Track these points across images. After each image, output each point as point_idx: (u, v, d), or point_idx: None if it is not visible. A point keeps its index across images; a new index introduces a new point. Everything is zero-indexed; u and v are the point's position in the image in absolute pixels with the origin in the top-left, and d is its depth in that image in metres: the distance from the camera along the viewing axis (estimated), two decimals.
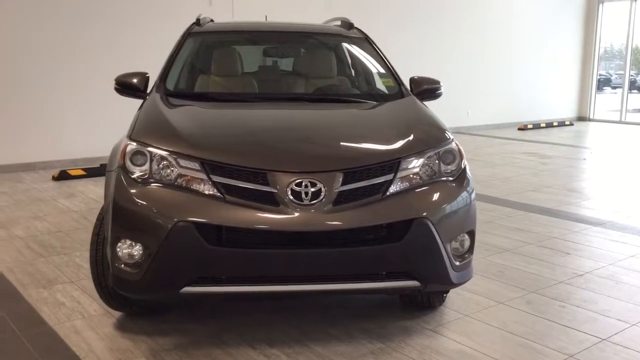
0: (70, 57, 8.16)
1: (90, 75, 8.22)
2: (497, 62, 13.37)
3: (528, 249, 4.85)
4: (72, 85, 8.19)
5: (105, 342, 3.24)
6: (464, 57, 12.65)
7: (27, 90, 7.91)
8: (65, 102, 8.19)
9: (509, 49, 13.61)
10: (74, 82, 8.20)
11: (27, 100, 7.93)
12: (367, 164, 2.99)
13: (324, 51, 4.69)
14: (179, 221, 2.80)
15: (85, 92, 8.26)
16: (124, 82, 3.89)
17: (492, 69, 13.30)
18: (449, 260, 3.02)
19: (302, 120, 3.58)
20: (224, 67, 4.35)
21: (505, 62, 13.55)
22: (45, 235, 5.10)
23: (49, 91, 8.06)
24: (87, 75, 8.24)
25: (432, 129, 3.44)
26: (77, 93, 8.23)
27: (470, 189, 3.22)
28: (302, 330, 3.36)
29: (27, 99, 7.93)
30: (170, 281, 2.89)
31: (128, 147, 3.10)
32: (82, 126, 8.32)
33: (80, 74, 8.21)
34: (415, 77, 4.17)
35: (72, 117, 8.25)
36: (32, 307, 3.66)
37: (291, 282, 2.93)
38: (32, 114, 7.97)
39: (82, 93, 8.25)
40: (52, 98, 8.09)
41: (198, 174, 2.91)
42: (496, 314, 3.62)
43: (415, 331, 3.37)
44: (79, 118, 8.30)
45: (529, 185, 7.38)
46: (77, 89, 8.22)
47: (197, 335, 3.30)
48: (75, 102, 8.24)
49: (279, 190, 2.85)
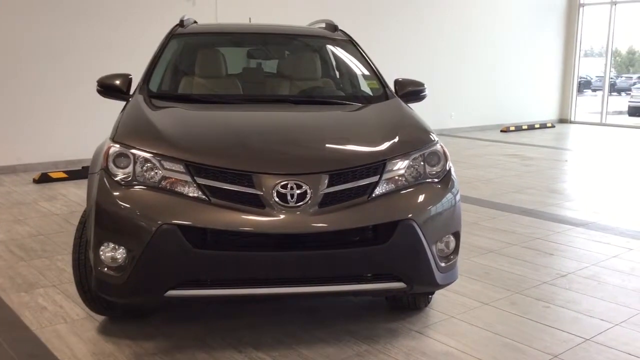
0: (52, 59, 8.06)
1: (73, 77, 8.14)
2: (479, 65, 13.47)
3: (512, 250, 4.88)
4: (54, 88, 8.10)
5: (88, 346, 3.20)
6: (447, 60, 12.73)
7: (8, 92, 7.80)
8: (47, 104, 8.09)
9: (492, 51, 13.72)
10: (57, 84, 8.10)
11: (8, 103, 7.82)
12: (353, 165, 2.99)
13: (308, 53, 4.69)
14: (163, 224, 2.77)
15: (68, 95, 8.17)
16: (106, 83, 3.85)
17: (475, 71, 13.40)
18: (434, 261, 3.03)
19: (287, 122, 3.57)
20: (208, 68, 4.32)
21: (487, 64, 13.65)
22: (27, 239, 5.03)
23: (30, 94, 7.96)
24: (70, 78, 8.15)
25: (417, 131, 3.44)
26: (59, 95, 8.14)
27: (455, 191, 3.23)
28: (289, 332, 3.35)
29: (8, 101, 7.82)
30: (154, 285, 2.86)
31: (111, 149, 3.06)
32: (64, 129, 8.23)
33: (62, 76, 8.12)
34: (400, 79, 4.18)
35: (53, 119, 8.16)
36: (14, 312, 3.60)
37: (277, 285, 2.91)
38: (13, 117, 7.87)
39: (64, 95, 8.16)
40: (34, 100, 7.99)
41: (182, 176, 2.89)
42: (481, 315, 3.63)
43: (401, 333, 3.37)
44: (61, 120, 8.21)
45: (512, 186, 7.43)
46: (59, 91, 8.13)
47: (181, 339, 3.27)
48: (58, 105, 8.15)
49: (265, 192, 2.83)
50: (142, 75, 4.01)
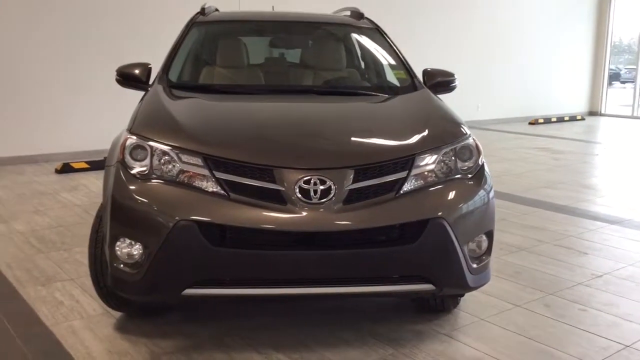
0: (75, 49, 8.01)
1: (95, 67, 8.07)
2: (508, 55, 13.15)
3: (544, 248, 4.67)
4: (76, 77, 8.05)
5: (103, 344, 3.09)
6: (474, 50, 12.44)
7: (31, 82, 7.77)
8: (69, 94, 8.05)
9: (521, 42, 13.38)
10: (79, 74, 8.05)
11: (31, 93, 7.79)
12: (380, 160, 2.82)
13: (333, 42, 4.52)
14: (181, 220, 2.64)
15: (90, 84, 8.11)
16: (125, 73, 3.75)
17: (503, 62, 13.08)
18: (465, 262, 2.85)
19: (311, 114, 3.41)
20: (229, 58, 4.18)
21: (516, 55, 13.32)
22: (46, 230, 4.97)
23: (53, 83, 7.92)
24: (92, 67, 8.09)
25: (447, 124, 3.26)
26: (81, 85, 8.09)
27: (489, 187, 3.05)
28: (311, 333, 3.21)
29: (31, 91, 7.79)
30: (170, 283, 2.74)
31: (128, 140, 2.94)
32: (86, 118, 8.18)
33: (84, 66, 8.07)
34: (429, 69, 4.00)
35: (76, 109, 8.11)
36: (29, 306, 3.52)
37: (298, 285, 2.77)
38: (35, 107, 7.84)
39: (86, 85, 8.11)
40: (56, 90, 7.96)
41: (201, 170, 2.75)
42: (513, 317, 3.46)
43: (429, 336, 3.21)
44: (83, 110, 8.16)
45: (543, 181, 7.19)
46: (81, 81, 8.08)
47: (199, 338, 3.15)
48: (80, 94, 8.10)
49: (287, 188, 2.68)
50: (161, 65, 3.89)
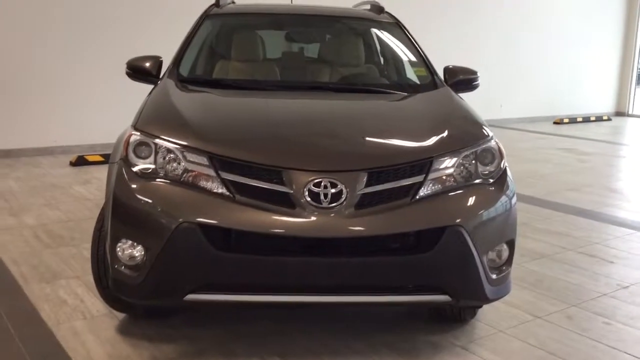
0: (90, 41, 7.93)
1: (111, 59, 7.98)
2: (532, 53, 12.82)
3: (568, 256, 4.47)
4: (93, 70, 7.97)
5: (105, 347, 2.99)
6: (498, 47, 12.14)
7: (48, 74, 7.71)
8: (85, 86, 7.98)
9: (546, 39, 13.04)
10: (95, 66, 7.98)
11: (48, 85, 7.73)
12: (395, 163, 2.67)
13: (351, 37, 4.36)
14: (183, 222, 2.51)
15: (107, 77, 8.03)
16: (135, 66, 3.66)
17: (527, 59, 12.75)
18: (484, 273, 2.68)
19: (324, 112, 3.26)
20: (243, 52, 4.04)
21: (541, 53, 12.99)
22: (56, 225, 4.89)
23: (69, 75, 7.85)
24: (108, 60, 8.00)
25: (468, 125, 3.09)
26: (97, 77, 8.01)
27: (511, 193, 2.87)
28: (321, 341, 3.06)
29: (47, 83, 7.73)
30: (172, 287, 2.62)
31: (132, 137, 2.82)
32: (103, 110, 8.10)
33: (101, 58, 7.98)
34: (450, 67, 3.83)
35: (92, 101, 8.04)
36: (32, 305, 3.43)
37: (306, 293, 2.62)
38: (52, 98, 7.78)
39: (103, 77, 8.02)
40: (72, 82, 7.89)
41: (206, 170, 2.62)
42: (534, 330, 3.28)
43: (444, 347, 3.05)
44: (100, 102, 8.08)
45: (567, 184, 6.95)
46: (98, 74, 8.00)
47: (204, 344, 3.03)
48: (96, 87, 8.03)
49: (295, 190, 2.54)
50: (172, 58, 3.76)
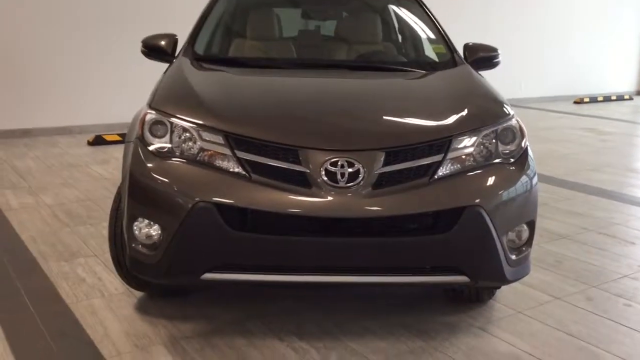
0: (109, 19, 7.91)
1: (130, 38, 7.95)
2: (553, 31, 12.57)
3: (588, 236, 4.41)
4: (111, 49, 7.96)
5: (122, 325, 3.01)
6: (517, 25, 11.90)
7: (66, 53, 7.72)
8: (103, 65, 7.97)
9: (566, 17, 12.76)
10: (114, 45, 7.96)
11: (66, 64, 7.74)
12: (413, 142, 2.62)
13: (369, 14, 4.29)
14: (199, 201, 2.50)
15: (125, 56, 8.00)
16: (151, 44, 3.64)
17: (548, 38, 12.50)
18: (504, 254, 2.64)
19: (341, 90, 3.22)
20: (259, 30, 3.99)
21: (561, 31, 12.72)
22: (74, 204, 4.92)
23: (87, 55, 7.85)
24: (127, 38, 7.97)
25: (489, 103, 3.03)
26: (116, 56, 7.99)
27: (532, 173, 2.82)
28: (336, 322, 3.05)
29: (66, 63, 7.74)
30: (188, 266, 2.62)
31: (147, 116, 2.80)
32: (121, 90, 8.10)
33: (119, 37, 7.97)
34: (470, 44, 3.76)
35: (110, 80, 8.04)
36: (51, 283, 3.45)
37: (322, 273, 2.60)
38: (70, 78, 7.79)
39: (121, 56, 8.00)
40: (90, 62, 7.88)
41: (221, 149, 2.60)
42: (553, 311, 3.24)
43: (461, 329, 3.02)
44: (118, 82, 8.08)
45: (588, 164, 6.84)
46: (116, 52, 7.99)
47: (221, 322, 3.04)
48: (114, 66, 8.02)
49: (312, 170, 2.51)
50: (187, 36, 3.73)
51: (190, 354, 2.76)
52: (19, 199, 5.01)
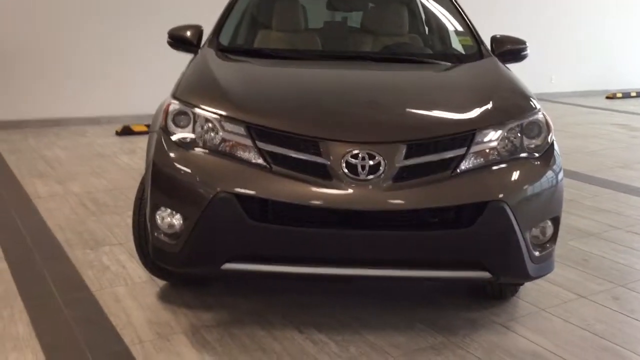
0: (137, 10, 7.99)
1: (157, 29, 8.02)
2: (585, 23, 12.30)
3: (616, 235, 4.31)
4: (138, 40, 8.04)
5: (145, 313, 3.04)
6: (548, 17, 11.68)
7: (94, 44, 7.82)
8: (131, 56, 8.06)
9: (599, 9, 12.48)
10: (141, 36, 8.04)
11: (95, 55, 7.84)
12: (436, 135, 2.59)
13: (395, 5, 4.24)
14: (220, 192, 2.50)
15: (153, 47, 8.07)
16: (176, 35, 3.66)
17: (580, 30, 12.24)
18: (527, 250, 2.60)
19: (364, 82, 3.19)
20: (284, 21, 3.98)
21: (594, 23, 12.45)
22: (101, 193, 4.99)
23: (115, 45, 7.94)
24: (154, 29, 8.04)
25: (515, 96, 2.98)
26: (143, 47, 8.07)
27: (557, 168, 2.76)
28: (356, 315, 3.05)
29: (95, 53, 7.84)
30: (209, 256, 2.63)
31: (171, 106, 2.83)
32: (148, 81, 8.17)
33: (147, 27, 8.04)
34: (497, 36, 3.70)
35: (138, 71, 8.12)
36: (76, 270, 3.51)
37: (342, 265, 2.60)
38: (98, 68, 7.90)
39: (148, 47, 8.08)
40: (118, 53, 7.98)
41: (243, 140, 2.60)
42: (577, 309, 3.18)
43: (483, 325, 2.99)
44: (145, 72, 8.15)
45: (618, 160, 6.69)
46: (143, 43, 8.06)
47: (241, 313, 3.05)
48: (141, 57, 8.10)
49: (332, 161, 2.50)
50: (213, 27, 3.74)
51: (211, 343, 2.78)
52: (47, 187, 5.10)
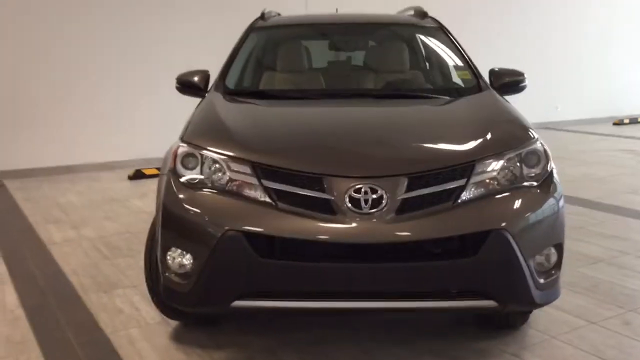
0: (143, 55, 8.20)
1: (165, 73, 8.23)
2: (590, 52, 12.41)
3: (625, 260, 4.31)
4: (147, 85, 8.23)
5: (158, 354, 3.09)
6: (552, 46, 11.78)
7: (105, 93, 8.02)
8: (141, 101, 8.24)
9: (604, 36, 12.60)
10: (150, 81, 8.24)
11: (106, 102, 8.04)
12: (436, 167, 2.66)
13: (395, 43, 4.37)
14: (229, 230, 2.57)
15: (161, 91, 8.27)
16: (185, 80, 3.79)
17: (585, 58, 12.32)
18: (531, 277, 2.63)
19: (365, 118, 3.28)
20: (288, 62, 4.12)
21: (599, 51, 12.55)
22: (114, 237, 5.07)
23: (125, 91, 8.14)
24: (162, 74, 8.24)
25: (513, 127, 3.05)
26: (154, 92, 8.26)
27: (558, 195, 2.81)
28: (365, 348, 3.07)
29: (106, 101, 8.03)
30: (219, 294, 2.68)
31: (179, 149, 2.92)
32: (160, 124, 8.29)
33: (154, 72, 8.24)
34: (496, 69, 3.79)
35: (149, 116, 8.28)
36: (90, 313, 3.57)
37: (350, 299, 2.64)
38: (110, 116, 8.07)
39: (157, 92, 8.27)
40: (129, 99, 8.16)
41: (249, 179, 2.68)
42: (588, 336, 3.19)
43: (493, 354, 3.00)
44: (156, 117, 8.30)
45: (627, 186, 6.69)
46: (152, 88, 8.26)
47: (253, 351, 3.09)
48: (151, 103, 8.27)
49: (336, 197, 2.57)
50: (219, 72, 3.87)
51: None
52: (61, 232, 5.20)
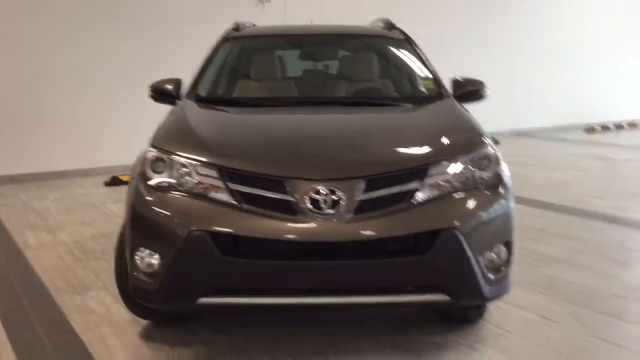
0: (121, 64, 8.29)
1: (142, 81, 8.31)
2: (560, 60, 12.65)
3: (583, 260, 4.50)
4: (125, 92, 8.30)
5: (128, 351, 3.20)
6: (520, 53, 11.96)
7: (82, 97, 8.08)
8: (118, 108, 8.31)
9: (575, 44, 12.85)
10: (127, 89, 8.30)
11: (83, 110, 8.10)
12: (392, 170, 2.82)
13: (364, 53, 4.53)
14: (194, 230, 2.70)
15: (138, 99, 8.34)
16: (158, 88, 3.91)
17: (555, 66, 12.58)
18: (481, 273, 2.79)
19: (331, 125, 3.44)
20: (260, 71, 4.25)
21: (569, 59, 12.79)
22: (89, 241, 5.15)
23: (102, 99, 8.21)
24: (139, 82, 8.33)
25: (466, 133, 3.22)
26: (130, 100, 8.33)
27: (508, 196, 2.98)
28: (331, 343, 3.21)
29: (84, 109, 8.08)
30: (185, 292, 2.81)
31: (149, 154, 3.05)
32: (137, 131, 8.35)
33: (132, 81, 8.32)
34: (457, 78, 3.96)
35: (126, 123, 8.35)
36: (63, 314, 3.66)
37: (311, 295, 2.78)
38: (87, 122, 8.14)
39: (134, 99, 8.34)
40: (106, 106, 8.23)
41: (215, 182, 2.82)
42: (541, 330, 3.35)
43: (449, 347, 3.15)
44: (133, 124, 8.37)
45: (591, 190, 6.91)
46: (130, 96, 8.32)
47: (219, 347, 3.20)
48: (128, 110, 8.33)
49: (297, 198, 2.71)
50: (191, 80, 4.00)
51: None
52: (37, 237, 5.26)
